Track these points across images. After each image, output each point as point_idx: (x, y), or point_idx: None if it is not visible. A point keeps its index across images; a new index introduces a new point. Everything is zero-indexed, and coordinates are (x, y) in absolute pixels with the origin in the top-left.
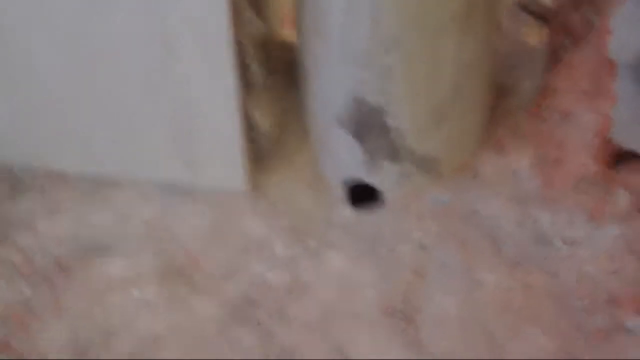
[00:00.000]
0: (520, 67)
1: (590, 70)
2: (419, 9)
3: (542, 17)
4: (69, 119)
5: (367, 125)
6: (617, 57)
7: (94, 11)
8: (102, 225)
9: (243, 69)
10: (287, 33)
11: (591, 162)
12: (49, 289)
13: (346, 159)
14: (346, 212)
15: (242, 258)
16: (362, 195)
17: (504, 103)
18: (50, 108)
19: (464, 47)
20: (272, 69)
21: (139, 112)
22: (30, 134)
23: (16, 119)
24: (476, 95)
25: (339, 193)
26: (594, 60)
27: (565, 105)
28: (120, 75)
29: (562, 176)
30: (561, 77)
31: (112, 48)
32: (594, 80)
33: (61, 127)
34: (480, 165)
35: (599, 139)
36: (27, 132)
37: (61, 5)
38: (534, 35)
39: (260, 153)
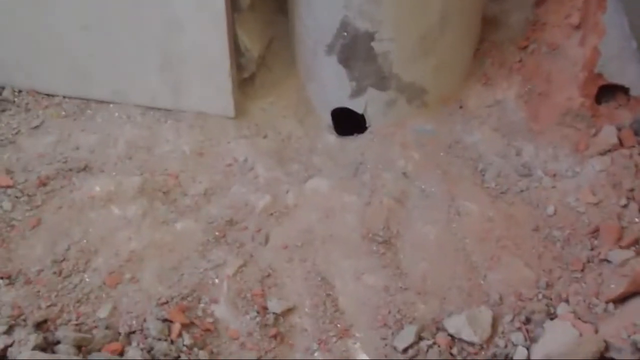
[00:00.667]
0: (509, 0)
1: (579, 4)
2: None
3: None
4: (57, 41)
5: (355, 51)
6: None
7: None
8: (85, 144)
9: None
10: None
11: (577, 94)
12: (29, 204)
13: (332, 85)
14: (331, 138)
15: (225, 180)
16: (348, 122)
17: (493, 36)
18: (38, 29)
19: None
20: None
21: (127, 34)
22: (17, 54)
23: (2, 39)
24: (465, 27)
25: (324, 119)
26: None
27: (554, 39)
28: None
29: (547, 109)
30: (550, 10)
31: None
32: (583, 14)
33: (49, 48)
34: (467, 96)
35: (586, 72)
36: (13, 53)
37: None
38: None
39: (247, 77)
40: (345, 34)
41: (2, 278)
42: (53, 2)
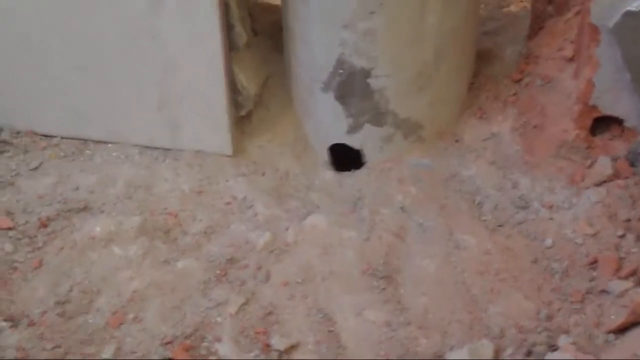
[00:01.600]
0: (503, 34)
1: (572, 37)
2: None
3: None
4: (54, 82)
5: (351, 88)
6: (599, 22)
7: None
8: (85, 185)
9: (228, 29)
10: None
11: (572, 128)
12: (31, 246)
13: (329, 122)
14: (328, 174)
15: (224, 218)
16: (345, 158)
17: (487, 69)
18: (35, 71)
19: (446, 15)
20: (257, 31)
21: (124, 74)
22: (14, 96)
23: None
24: (459, 62)
25: (322, 156)
26: (577, 26)
27: (547, 72)
28: (105, 36)
29: (543, 142)
30: (543, 43)
31: (96, 4)
32: (576, 47)
33: (46, 89)
34: (462, 130)
35: (580, 105)
36: (11, 94)
37: None
38: (518, 3)
39: (244, 115)
40: (342, 71)
41: (5, 320)
42: (49, 44)
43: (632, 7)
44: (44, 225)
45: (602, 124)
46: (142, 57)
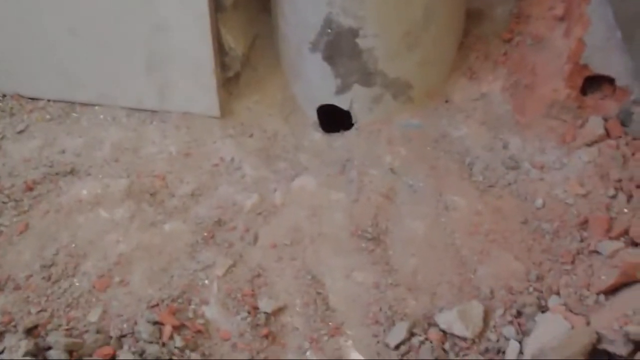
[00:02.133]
0: None
1: None
2: None
3: None
4: (42, 44)
5: (339, 48)
6: None
7: None
8: (71, 147)
9: None
10: None
11: (563, 87)
12: (17, 209)
13: (317, 82)
14: (317, 135)
15: (212, 180)
16: (333, 119)
17: (477, 29)
18: (23, 33)
19: None
20: None
21: (111, 36)
22: (1, 59)
23: None
24: (449, 21)
25: (310, 116)
26: None
27: (538, 31)
28: None
29: (533, 101)
30: (534, 2)
31: None
32: (566, 5)
33: (33, 51)
34: (452, 90)
35: (571, 64)
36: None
37: None
38: None
39: (232, 76)
40: (329, 30)
41: None
42: (37, 6)
43: None
44: (30, 189)
45: (594, 83)
46: (130, 19)
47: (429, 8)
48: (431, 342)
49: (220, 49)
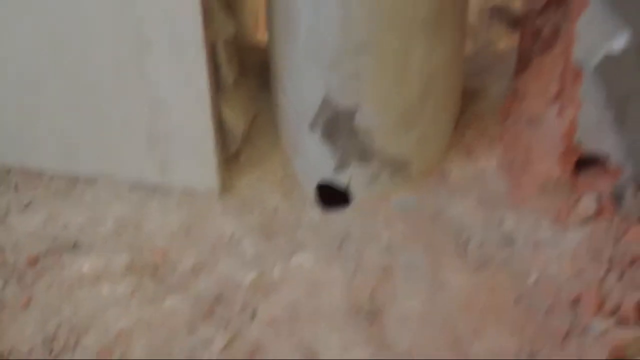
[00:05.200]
0: (489, 71)
1: (557, 75)
2: (389, 13)
3: (512, 22)
4: (45, 120)
5: (337, 127)
6: (581, 63)
7: (68, 7)
8: (74, 222)
9: (215, 70)
10: (261, 37)
11: (557, 165)
12: (19, 283)
13: (316, 160)
14: (316, 212)
15: (212, 256)
16: (332, 195)
17: (473, 106)
18: (27, 109)
19: (433, 52)
20: (244, 70)
21: (113, 111)
22: (5, 134)
23: None
24: (445, 100)
25: (309, 193)
26: (561, 65)
27: (533, 110)
28: (94, 74)
29: (528, 179)
30: (529, 81)
31: (87, 45)
32: (560, 85)
33: (36, 125)
34: (449, 167)
35: (565, 142)
36: (2, 132)
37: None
38: (505, 40)
39: (232, 153)
40: (328, 110)
41: None
42: (41, 83)
43: (613, 49)
44: (34, 263)
45: (587, 161)
46: (131, 97)
47: (425, 88)
48: None
49: (220, 126)
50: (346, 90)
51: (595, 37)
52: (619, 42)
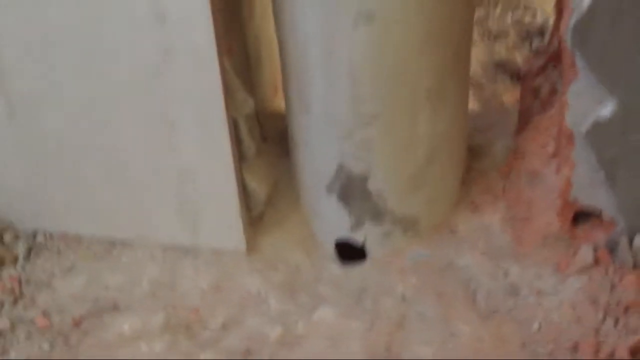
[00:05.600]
0: (493, 129)
1: (553, 135)
2: (395, 87)
3: (516, 75)
4: (84, 188)
5: (352, 190)
6: (573, 127)
7: (103, 94)
8: (113, 283)
9: (238, 143)
10: (279, 102)
11: (556, 219)
12: (66, 344)
13: (334, 220)
14: (335, 268)
15: (240, 312)
16: (349, 252)
17: (478, 163)
18: (67, 179)
19: (438, 119)
20: (265, 137)
21: (146, 182)
22: (47, 202)
23: (34, 186)
24: (451, 160)
25: (328, 251)
26: (557, 126)
27: (533, 167)
28: (128, 149)
29: (530, 232)
30: (529, 139)
31: (120, 125)
32: (557, 145)
33: (77, 194)
34: (456, 222)
35: (562, 199)
36: (44, 200)
37: (72, 81)
38: (509, 93)
39: (256, 216)
40: (342, 175)
41: None
42: (80, 155)
43: (601, 116)
44: (78, 324)
45: (583, 215)
46: (162, 168)
47: (432, 151)
48: None
49: (245, 192)
50: (359, 157)
51: (584, 105)
52: (607, 110)
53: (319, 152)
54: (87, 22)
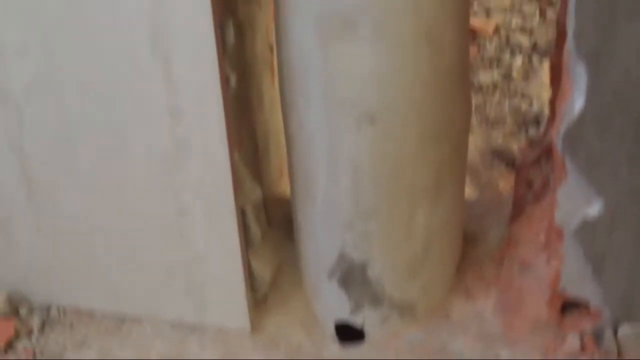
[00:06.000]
0: (488, 216)
1: (545, 226)
2: (394, 183)
3: (512, 163)
4: (97, 265)
5: (352, 277)
6: (562, 225)
7: (118, 179)
8: (123, 358)
9: (245, 229)
10: (284, 185)
11: (545, 308)
12: None
13: (334, 303)
14: (335, 347)
15: None
16: (349, 332)
17: (473, 251)
18: (79, 255)
19: (435, 212)
20: (270, 222)
21: (156, 262)
22: (61, 277)
23: (49, 263)
24: (447, 249)
25: (329, 331)
26: (548, 218)
27: (525, 256)
28: (140, 233)
29: (520, 319)
30: (522, 229)
31: (132, 211)
32: (547, 237)
33: (89, 271)
34: (451, 308)
35: (551, 289)
36: (58, 276)
37: (90, 169)
38: (505, 181)
39: (261, 297)
40: (343, 263)
41: None
42: (92, 235)
43: (589, 215)
44: None
45: (571, 304)
46: (171, 251)
47: (428, 243)
48: None
49: (250, 275)
50: (359, 247)
51: (573, 205)
52: (594, 210)
53: (321, 241)
54: (106, 117)
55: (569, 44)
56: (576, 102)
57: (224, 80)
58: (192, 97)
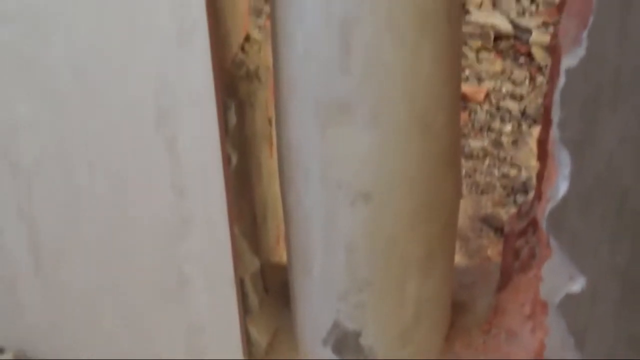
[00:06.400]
0: (476, 285)
1: (530, 298)
2: (388, 257)
3: (501, 230)
4: (99, 329)
5: (345, 344)
6: (546, 299)
7: (123, 251)
8: None
9: (243, 297)
10: (281, 252)
11: None
12: None
13: None
14: None
15: None
16: None
17: (462, 320)
18: (83, 320)
19: (425, 285)
20: (268, 288)
21: (158, 329)
22: (65, 339)
23: (54, 326)
24: (436, 319)
25: None
26: (534, 288)
27: (511, 325)
28: (144, 301)
29: None
30: (509, 298)
31: (135, 281)
32: (533, 308)
33: (92, 334)
34: None
35: (536, 358)
36: (62, 338)
37: (96, 242)
38: (494, 248)
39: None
40: (337, 331)
41: None
42: (100, 304)
43: (572, 291)
44: None
45: None
46: (172, 319)
47: (419, 312)
48: None
49: (248, 341)
50: (353, 316)
51: (557, 280)
52: (577, 286)
53: (317, 310)
54: (113, 191)
55: (554, 132)
56: (560, 186)
57: (226, 159)
58: (196, 175)
